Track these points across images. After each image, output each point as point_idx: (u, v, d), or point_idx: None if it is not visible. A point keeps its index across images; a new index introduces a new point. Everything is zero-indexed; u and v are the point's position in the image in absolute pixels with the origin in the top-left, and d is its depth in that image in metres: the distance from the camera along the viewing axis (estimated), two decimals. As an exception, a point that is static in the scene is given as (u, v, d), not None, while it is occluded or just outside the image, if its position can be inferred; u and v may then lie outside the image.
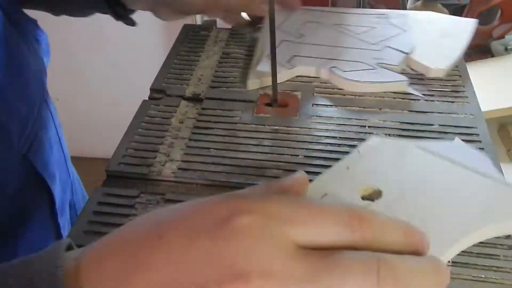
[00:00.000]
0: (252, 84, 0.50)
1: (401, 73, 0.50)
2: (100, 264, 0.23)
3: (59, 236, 0.51)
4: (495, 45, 0.99)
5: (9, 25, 0.42)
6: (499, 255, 0.34)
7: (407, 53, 0.52)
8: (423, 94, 0.48)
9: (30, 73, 0.46)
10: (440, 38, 0.54)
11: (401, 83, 0.49)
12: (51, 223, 0.49)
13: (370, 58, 0.52)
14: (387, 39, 0.55)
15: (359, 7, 0.90)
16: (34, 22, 0.48)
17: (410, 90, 0.49)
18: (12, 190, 0.43)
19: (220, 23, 0.60)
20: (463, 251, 0.34)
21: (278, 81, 0.47)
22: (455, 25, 0.57)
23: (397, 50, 0.53)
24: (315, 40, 0.55)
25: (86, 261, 0.23)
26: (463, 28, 0.56)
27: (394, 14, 0.59)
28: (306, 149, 0.43)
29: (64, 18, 0.56)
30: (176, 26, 0.62)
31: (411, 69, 0.52)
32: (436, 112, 0.46)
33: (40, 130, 0.47)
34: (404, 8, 0.71)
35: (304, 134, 0.44)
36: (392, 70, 0.50)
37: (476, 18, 1.02)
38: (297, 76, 0.51)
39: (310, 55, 0.53)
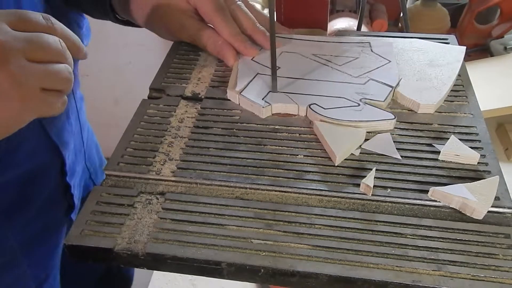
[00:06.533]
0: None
1: (388, 110, 0.46)
2: None
3: (68, 194, 0.55)
4: (494, 44, 0.99)
5: (49, 8, 0.48)
6: (498, 254, 0.34)
7: (393, 87, 0.48)
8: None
9: None
10: (428, 68, 0.50)
11: (388, 122, 0.44)
12: (60, 182, 0.53)
13: (353, 92, 0.47)
14: (371, 71, 0.50)
15: (358, 7, 0.89)
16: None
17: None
18: (26, 149, 0.49)
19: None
20: (462, 251, 0.34)
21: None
22: (444, 54, 0.52)
23: (382, 83, 0.48)
24: (292, 73, 0.50)
25: None
26: (453, 57, 0.52)
27: (377, 42, 0.55)
28: (306, 148, 0.43)
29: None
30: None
31: (399, 103, 0.48)
32: (435, 112, 0.46)
33: None
34: (404, 8, 0.70)
35: (303, 134, 0.44)
36: (377, 107, 0.46)
37: (475, 17, 1.02)
38: (274, 114, 0.47)
39: (288, 91, 0.48)
